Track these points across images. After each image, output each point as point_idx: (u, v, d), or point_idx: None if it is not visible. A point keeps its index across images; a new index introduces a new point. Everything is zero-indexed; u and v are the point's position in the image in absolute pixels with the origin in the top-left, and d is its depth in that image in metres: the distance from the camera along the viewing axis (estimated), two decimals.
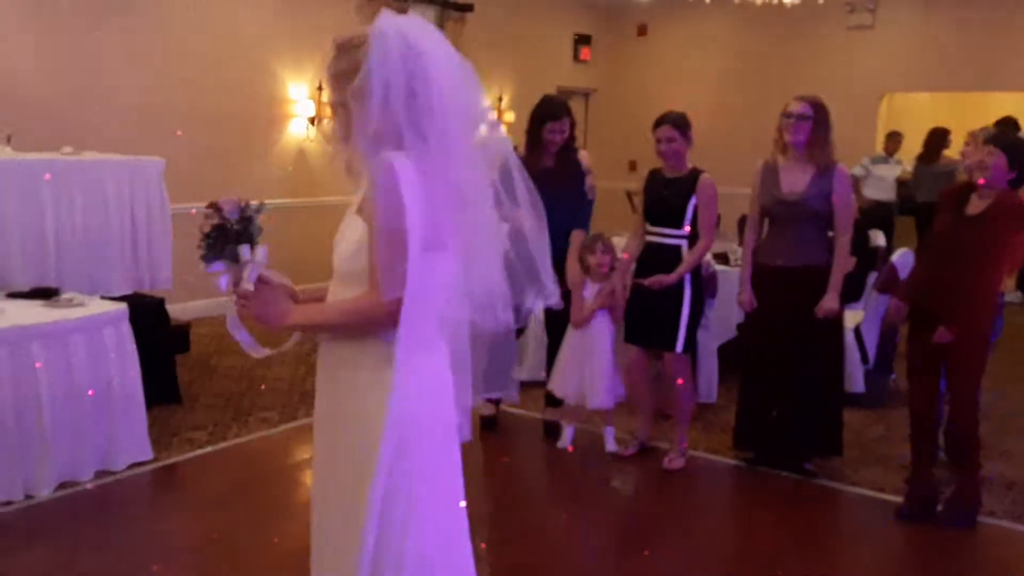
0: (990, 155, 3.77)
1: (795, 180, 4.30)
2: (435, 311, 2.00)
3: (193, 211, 2.02)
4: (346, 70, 1.95)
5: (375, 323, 1.95)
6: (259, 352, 2.06)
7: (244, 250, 1.94)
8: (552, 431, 4.99)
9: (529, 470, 4.80)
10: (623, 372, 4.68)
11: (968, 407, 3.93)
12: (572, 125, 4.78)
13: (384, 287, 1.88)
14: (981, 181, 3.78)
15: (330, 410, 2.09)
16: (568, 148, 4.76)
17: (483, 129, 2.07)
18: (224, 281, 1.97)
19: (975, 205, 3.84)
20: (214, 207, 1.95)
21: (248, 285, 1.96)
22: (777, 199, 4.33)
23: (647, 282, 4.37)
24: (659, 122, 4.45)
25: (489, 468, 4.58)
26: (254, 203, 1.96)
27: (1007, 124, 9.05)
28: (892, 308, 4.10)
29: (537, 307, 2.19)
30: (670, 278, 4.33)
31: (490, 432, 5.02)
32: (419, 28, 1.97)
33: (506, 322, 2.07)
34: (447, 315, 2.03)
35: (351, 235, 2.00)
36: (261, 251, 1.96)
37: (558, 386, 4.73)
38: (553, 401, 4.97)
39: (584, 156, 4.88)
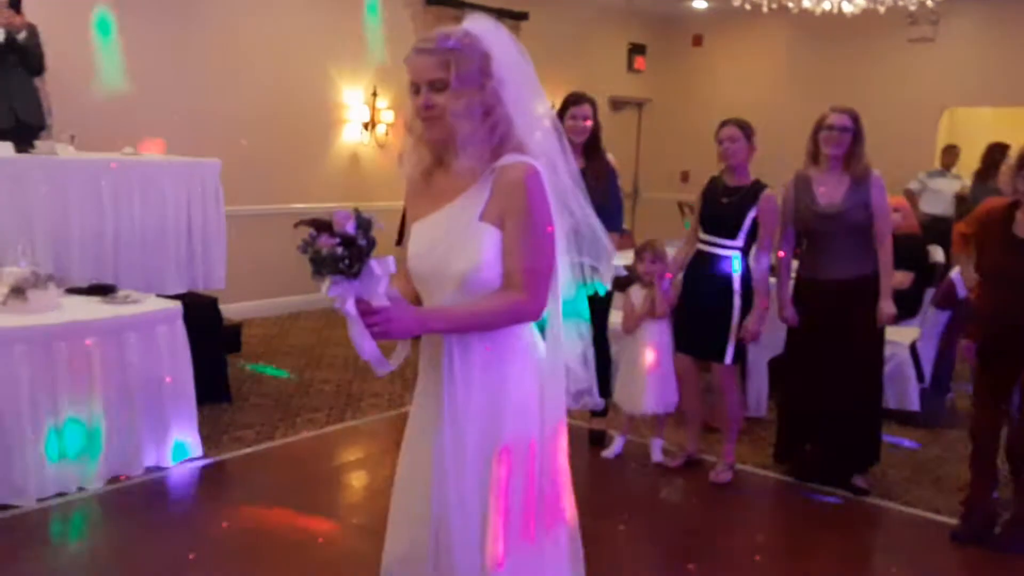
0: None
1: (831, 192, 4.24)
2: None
3: (296, 226, 1.87)
4: (478, 66, 1.94)
5: (522, 323, 2.02)
6: (387, 368, 1.95)
7: (376, 264, 1.81)
8: (597, 440, 4.96)
9: (573, 479, 4.75)
10: (677, 381, 4.64)
11: None
12: (596, 119, 4.72)
13: (541, 291, 1.98)
14: None
15: (475, 406, 2.01)
16: (596, 148, 4.73)
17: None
18: (348, 303, 1.82)
19: (1021, 221, 3.71)
20: (321, 224, 1.81)
21: (383, 300, 1.85)
22: (815, 212, 4.26)
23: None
24: (723, 123, 4.43)
25: None
26: (365, 213, 1.83)
27: None
28: (964, 349, 3.99)
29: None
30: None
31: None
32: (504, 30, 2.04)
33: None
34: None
35: (477, 244, 1.95)
36: (389, 261, 1.87)
37: (621, 398, 4.71)
38: (598, 410, 4.93)
39: (611, 158, 4.85)
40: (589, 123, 4.66)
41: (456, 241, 1.98)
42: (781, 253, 4.44)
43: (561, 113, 4.67)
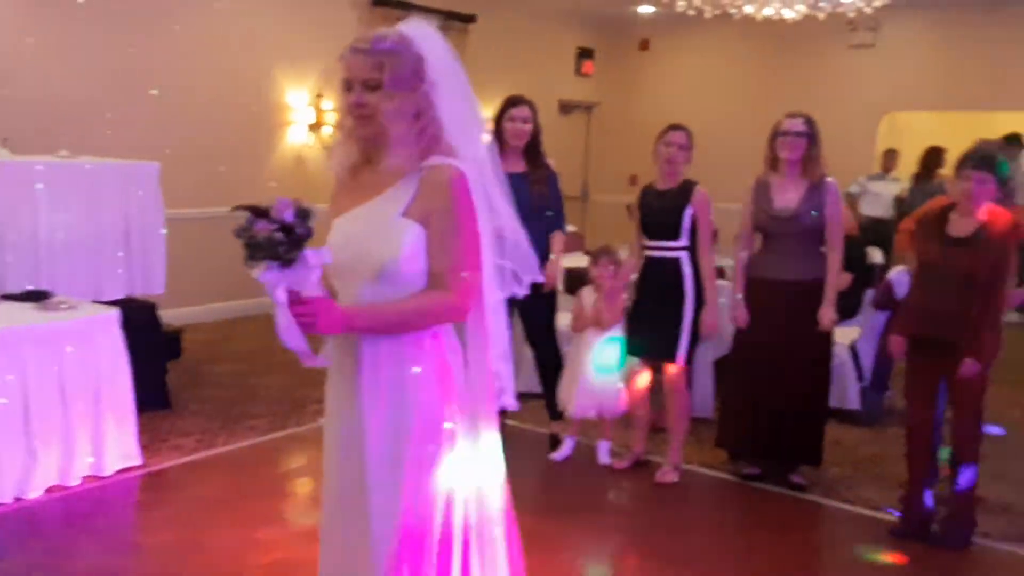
0: (981, 183, 3.69)
1: (788, 196, 4.32)
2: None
3: (233, 210, 1.88)
4: (412, 69, 1.97)
5: (445, 322, 2.04)
6: (314, 362, 1.96)
7: (310, 253, 1.84)
8: (556, 444, 4.97)
9: (521, 481, 4.74)
10: (627, 384, 4.66)
11: (972, 429, 3.90)
12: (536, 122, 4.70)
13: (467, 291, 2.01)
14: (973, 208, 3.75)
15: (382, 406, 2.02)
16: (537, 151, 4.73)
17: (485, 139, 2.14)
18: (279, 290, 1.83)
19: (958, 226, 3.79)
20: (259, 210, 1.82)
21: (315, 290, 1.87)
22: (771, 215, 4.33)
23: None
24: (674, 126, 4.48)
25: None
26: (304, 203, 1.85)
27: (1013, 140, 9.07)
28: (892, 343, 4.06)
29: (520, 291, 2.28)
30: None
31: None
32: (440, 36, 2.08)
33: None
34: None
35: (397, 237, 1.97)
36: (324, 252, 1.89)
37: (564, 397, 4.72)
38: (555, 415, 4.95)
39: (551, 161, 4.84)
40: (529, 126, 4.64)
41: (375, 234, 2.00)
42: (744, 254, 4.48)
43: (500, 115, 4.66)
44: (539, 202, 4.56)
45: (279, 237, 1.78)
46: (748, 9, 7.19)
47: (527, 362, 5.57)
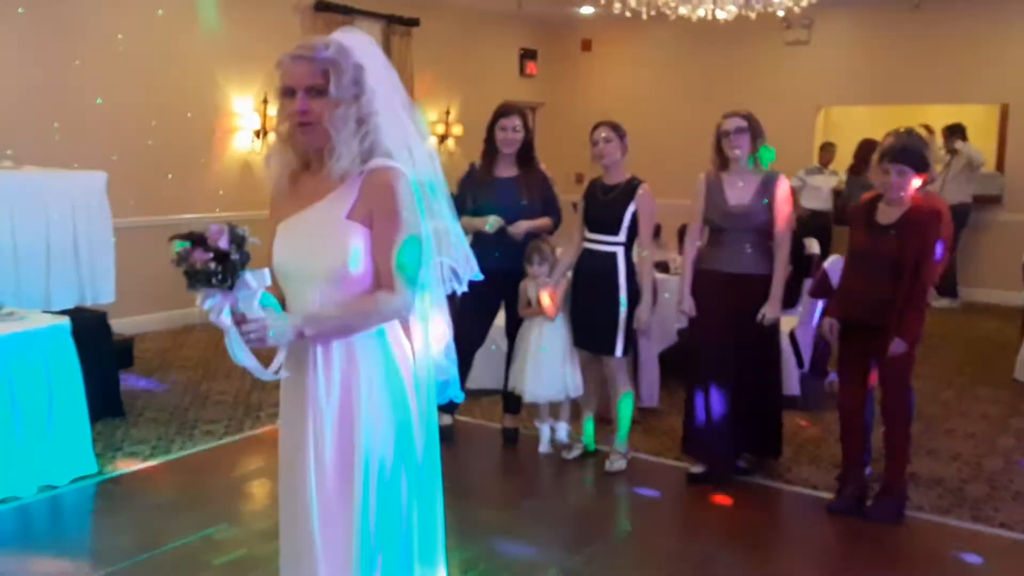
0: (900, 175, 3.89)
1: (740, 192, 4.42)
2: None
3: (170, 240, 1.94)
4: (353, 76, 2.05)
5: (392, 319, 2.11)
6: (267, 375, 2.02)
7: (250, 276, 1.89)
8: (512, 438, 5.08)
9: (473, 472, 4.86)
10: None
11: (902, 408, 4.10)
12: (527, 129, 4.89)
13: (411, 288, 2.09)
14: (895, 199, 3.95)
15: (333, 404, 2.10)
16: (530, 157, 4.90)
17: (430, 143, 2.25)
18: (222, 316, 1.90)
19: (885, 214, 4.00)
20: (195, 237, 1.88)
21: (258, 311, 1.92)
22: (724, 210, 4.43)
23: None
24: (598, 124, 4.63)
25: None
26: (239, 227, 1.91)
27: (955, 130, 9.42)
28: (825, 325, 4.23)
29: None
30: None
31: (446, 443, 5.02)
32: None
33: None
34: None
35: (344, 240, 2.04)
36: (265, 274, 1.94)
37: (514, 381, 4.82)
38: (511, 408, 5.07)
39: (544, 166, 5.03)
40: (519, 134, 4.82)
41: (322, 239, 2.08)
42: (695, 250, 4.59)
43: (492, 124, 4.83)
44: (529, 204, 4.77)
45: (213, 267, 1.86)
46: (682, 10, 7.38)
47: (488, 358, 5.63)
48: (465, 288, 2.40)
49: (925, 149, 4.06)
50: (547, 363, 4.72)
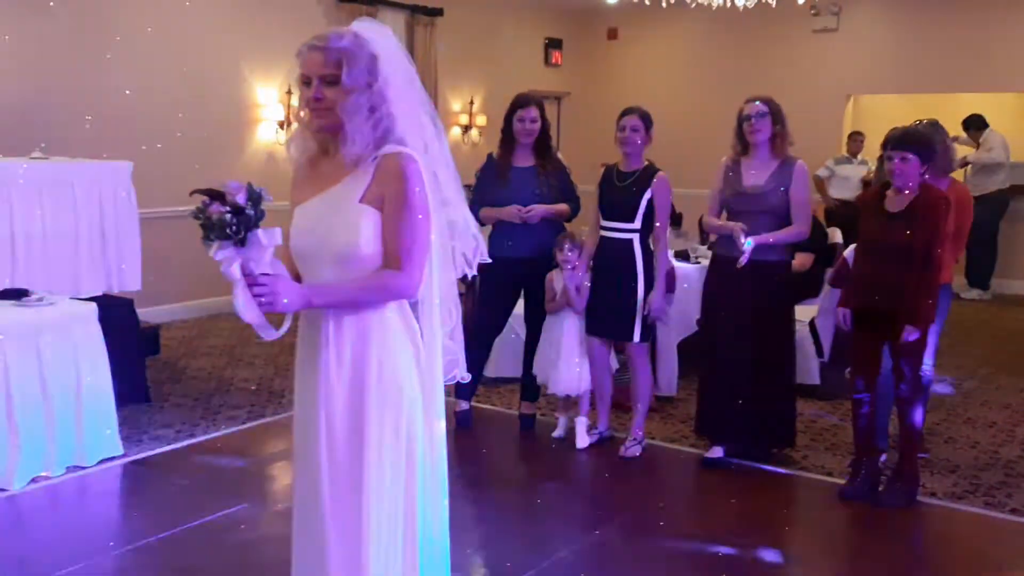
0: (903, 161, 3.90)
1: (757, 174, 4.45)
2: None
3: (191, 194, 2.04)
4: (366, 66, 2.13)
5: (398, 298, 2.18)
6: (272, 334, 2.11)
7: (262, 233, 1.97)
8: (529, 424, 5.15)
9: (490, 457, 4.92)
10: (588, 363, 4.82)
11: (915, 394, 4.10)
12: (544, 118, 4.94)
13: (417, 268, 2.16)
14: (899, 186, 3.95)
15: (344, 381, 2.18)
16: (547, 147, 4.95)
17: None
18: (233, 267, 1.98)
19: (894, 202, 4.00)
20: (215, 194, 1.97)
21: (268, 268, 2.01)
22: (738, 191, 4.46)
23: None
24: (627, 111, 4.64)
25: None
26: (257, 187, 2.00)
27: (974, 121, 9.31)
28: (839, 315, 4.25)
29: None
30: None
31: (463, 427, 5.11)
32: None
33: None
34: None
35: (356, 222, 2.13)
36: (276, 232, 2.02)
37: (540, 373, 4.89)
38: (529, 395, 5.12)
39: (560, 156, 5.09)
40: (537, 124, 4.87)
41: (336, 221, 2.16)
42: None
43: (510, 115, 4.90)
44: (547, 193, 4.84)
45: (230, 219, 1.94)
46: None
47: (505, 346, 5.68)
48: (475, 272, 2.47)
49: (936, 136, 4.05)
50: (566, 356, 4.77)
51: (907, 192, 3.94)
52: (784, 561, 3.73)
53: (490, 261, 2.53)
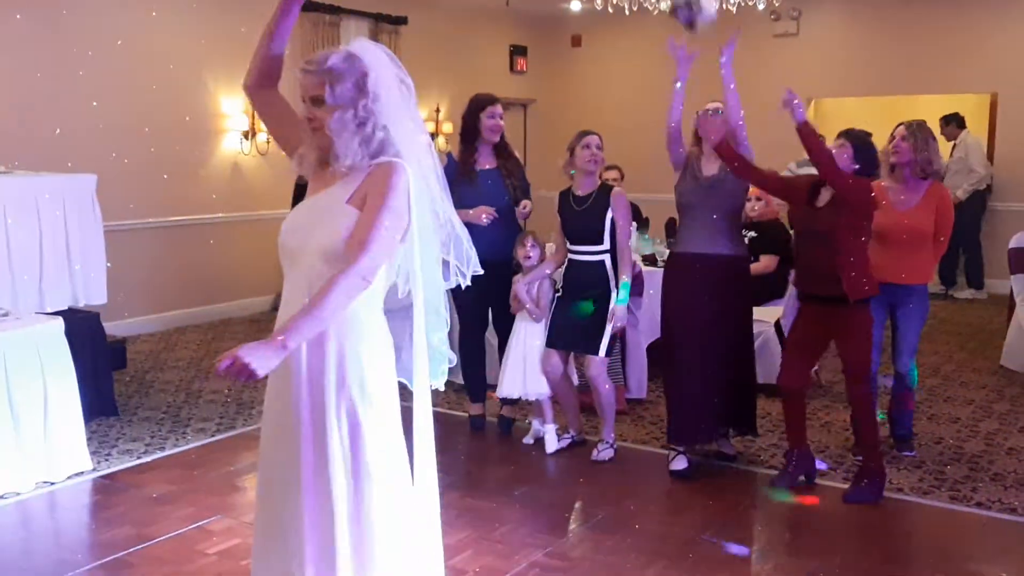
0: (840, 147, 4.18)
1: (712, 165, 4.53)
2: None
3: None
4: (354, 84, 2.23)
5: (356, 289, 2.19)
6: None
7: None
8: (506, 426, 5.20)
9: (462, 460, 4.92)
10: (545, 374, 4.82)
11: (862, 381, 4.19)
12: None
13: (374, 255, 2.17)
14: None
15: (316, 379, 2.26)
16: (505, 145, 5.03)
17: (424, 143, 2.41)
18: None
19: (823, 194, 4.20)
20: None
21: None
22: (697, 182, 4.53)
23: None
24: (587, 132, 4.71)
25: None
26: None
27: (952, 120, 9.48)
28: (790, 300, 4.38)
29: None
30: None
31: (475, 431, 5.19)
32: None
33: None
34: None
35: (339, 221, 2.22)
36: None
37: (503, 381, 4.91)
38: (508, 399, 5.14)
39: (515, 151, 5.19)
40: (503, 122, 4.97)
41: (320, 219, 2.27)
42: None
43: (476, 113, 4.92)
44: (515, 193, 4.96)
45: None
46: (663, 6, 7.44)
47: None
48: (468, 283, 2.57)
49: (870, 139, 4.25)
50: (513, 360, 4.83)
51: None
52: (756, 557, 3.79)
53: (482, 272, 2.60)
